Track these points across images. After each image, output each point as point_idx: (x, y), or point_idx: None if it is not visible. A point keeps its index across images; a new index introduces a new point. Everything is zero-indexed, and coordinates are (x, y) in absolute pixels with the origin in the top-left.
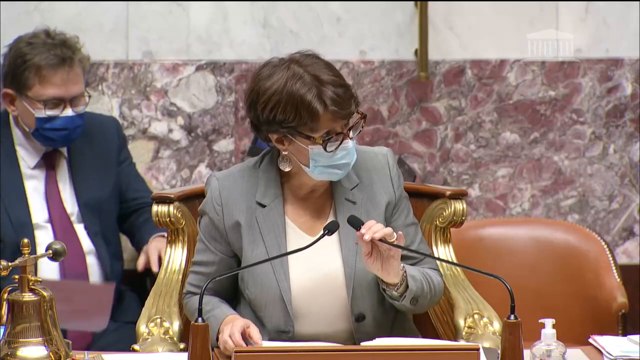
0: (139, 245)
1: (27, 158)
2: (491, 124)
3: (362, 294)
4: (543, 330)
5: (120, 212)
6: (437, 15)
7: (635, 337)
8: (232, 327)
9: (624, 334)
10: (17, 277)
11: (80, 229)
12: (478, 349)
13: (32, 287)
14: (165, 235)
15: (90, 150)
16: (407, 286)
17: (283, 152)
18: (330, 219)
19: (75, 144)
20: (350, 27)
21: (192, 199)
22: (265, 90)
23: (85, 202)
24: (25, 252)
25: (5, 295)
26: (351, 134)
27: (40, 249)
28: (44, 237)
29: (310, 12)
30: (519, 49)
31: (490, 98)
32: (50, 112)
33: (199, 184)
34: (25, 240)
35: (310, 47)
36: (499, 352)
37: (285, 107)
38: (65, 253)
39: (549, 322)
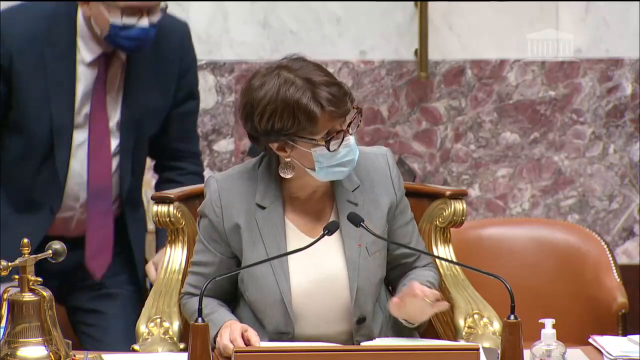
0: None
1: (85, 52)
2: (491, 124)
3: (364, 296)
4: (543, 330)
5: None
6: (437, 15)
7: (635, 337)
8: (231, 331)
9: (624, 334)
10: (17, 277)
11: (114, 140)
12: (478, 349)
13: (32, 287)
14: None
15: (150, 63)
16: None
17: (286, 159)
18: (332, 220)
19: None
20: (350, 27)
21: (192, 199)
22: (259, 101)
23: (131, 113)
24: (25, 252)
25: (5, 295)
26: (350, 130)
27: (74, 150)
28: (79, 137)
29: (310, 12)
30: (519, 49)
31: (490, 98)
32: (126, 21)
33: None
34: (25, 241)
35: (310, 47)
36: (499, 352)
37: (282, 114)
38: (65, 253)
39: (549, 322)
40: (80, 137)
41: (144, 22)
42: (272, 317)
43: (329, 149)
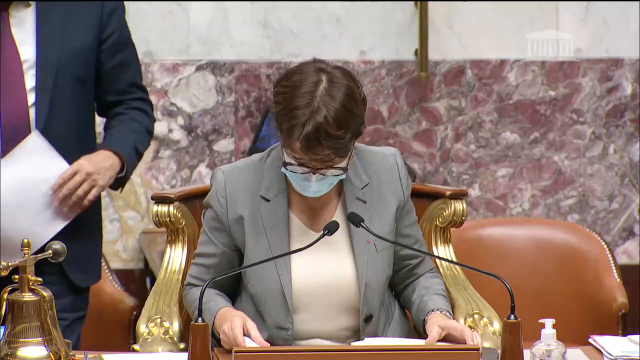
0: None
1: None
2: (491, 124)
3: (372, 293)
4: (543, 330)
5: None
6: (437, 15)
7: (635, 337)
8: (233, 329)
9: (624, 334)
10: (17, 277)
11: (29, 79)
12: (478, 349)
13: (32, 287)
14: (118, 155)
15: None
16: None
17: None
18: (337, 216)
19: None
20: (350, 27)
21: (192, 199)
22: (288, 79)
23: (47, 52)
24: (26, 252)
25: (5, 295)
26: (324, 172)
27: None
28: None
29: (310, 12)
30: (519, 49)
31: (490, 98)
32: None
33: (199, 184)
34: (25, 241)
35: (310, 47)
36: (499, 352)
37: (283, 103)
38: (65, 253)
39: (549, 322)
40: None
41: None
42: (272, 310)
43: (284, 166)
